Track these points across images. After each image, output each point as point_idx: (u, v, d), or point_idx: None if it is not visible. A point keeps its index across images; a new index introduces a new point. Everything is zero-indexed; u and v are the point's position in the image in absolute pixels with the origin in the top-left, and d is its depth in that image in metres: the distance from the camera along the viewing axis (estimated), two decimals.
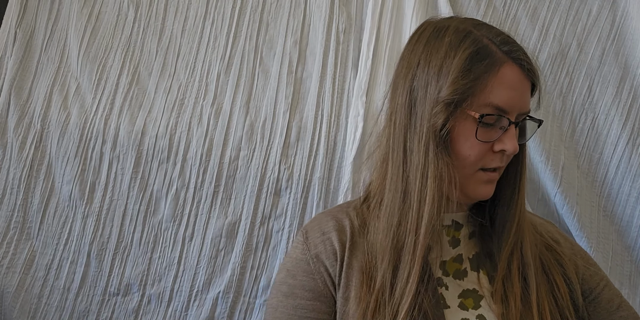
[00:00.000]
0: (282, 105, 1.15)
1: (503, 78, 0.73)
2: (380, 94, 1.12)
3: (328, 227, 0.81)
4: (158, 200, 1.14)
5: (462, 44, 0.74)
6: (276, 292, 0.80)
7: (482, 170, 0.76)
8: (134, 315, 1.13)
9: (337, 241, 0.79)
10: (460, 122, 0.74)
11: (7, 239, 1.14)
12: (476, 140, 0.74)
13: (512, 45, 0.75)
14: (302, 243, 0.81)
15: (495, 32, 0.77)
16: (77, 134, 1.15)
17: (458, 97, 0.72)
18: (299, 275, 0.79)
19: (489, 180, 0.77)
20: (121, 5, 1.20)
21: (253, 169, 1.13)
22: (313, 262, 0.78)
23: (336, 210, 0.85)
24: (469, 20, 0.79)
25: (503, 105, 0.73)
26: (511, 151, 0.74)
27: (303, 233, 0.82)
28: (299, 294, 0.78)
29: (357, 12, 1.17)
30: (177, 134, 1.14)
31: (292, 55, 1.17)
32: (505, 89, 0.73)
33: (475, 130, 0.73)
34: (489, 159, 0.75)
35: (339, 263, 0.78)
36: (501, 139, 0.75)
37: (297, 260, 0.80)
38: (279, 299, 0.79)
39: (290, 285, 0.78)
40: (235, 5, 1.19)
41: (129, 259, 1.14)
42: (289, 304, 0.77)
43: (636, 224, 1.09)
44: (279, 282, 0.80)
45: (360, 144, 1.10)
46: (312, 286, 0.78)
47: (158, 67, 1.18)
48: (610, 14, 1.13)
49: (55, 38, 1.19)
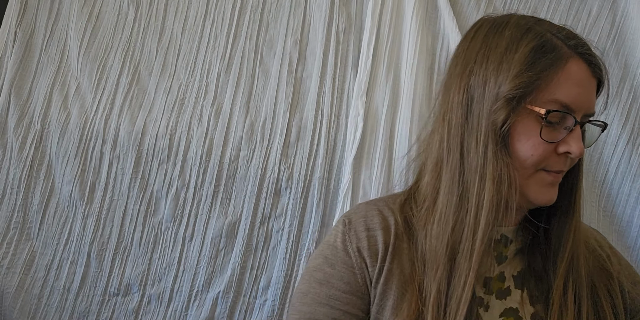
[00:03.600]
0: (282, 105, 1.15)
1: (570, 73, 0.69)
2: (380, 94, 1.12)
3: (374, 224, 0.75)
4: (158, 200, 1.14)
5: (524, 37, 0.70)
6: (309, 278, 0.75)
7: (544, 170, 0.71)
8: (134, 315, 1.13)
9: (382, 242, 0.74)
10: (522, 119, 0.69)
11: (7, 239, 1.13)
12: (539, 140, 0.68)
13: (578, 39, 0.71)
14: (345, 233, 0.75)
15: (558, 27, 0.72)
16: (77, 133, 1.15)
17: (521, 92, 0.67)
18: (338, 265, 0.74)
19: (552, 182, 0.71)
20: (121, 5, 1.20)
21: (253, 169, 1.13)
22: (355, 256, 0.73)
23: (381, 204, 0.79)
24: (529, 16, 0.75)
25: (569, 102, 0.68)
26: (577, 154, 0.69)
27: (345, 222, 0.76)
28: (335, 284, 0.73)
29: (357, 12, 1.17)
30: (177, 133, 1.14)
31: (292, 55, 1.17)
32: (572, 86, 0.68)
33: (540, 129, 0.68)
34: (552, 161, 0.70)
35: (379, 265, 0.73)
36: (566, 140, 0.69)
37: (336, 249, 0.75)
38: (312, 285, 0.74)
39: (327, 274, 0.74)
40: (235, 5, 1.19)
41: (129, 259, 1.14)
42: (322, 292, 0.73)
43: (636, 224, 1.09)
44: (314, 268, 0.75)
45: (360, 144, 1.11)
46: (350, 279, 0.73)
47: (158, 67, 1.18)
48: (610, 14, 1.13)
49: (55, 38, 1.19)
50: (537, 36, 0.70)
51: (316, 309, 0.72)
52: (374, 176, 1.10)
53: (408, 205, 0.78)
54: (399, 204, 0.78)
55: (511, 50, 0.69)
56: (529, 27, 0.71)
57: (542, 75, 0.68)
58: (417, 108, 1.10)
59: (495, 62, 0.70)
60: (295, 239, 1.11)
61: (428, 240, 0.72)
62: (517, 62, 0.68)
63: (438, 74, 1.13)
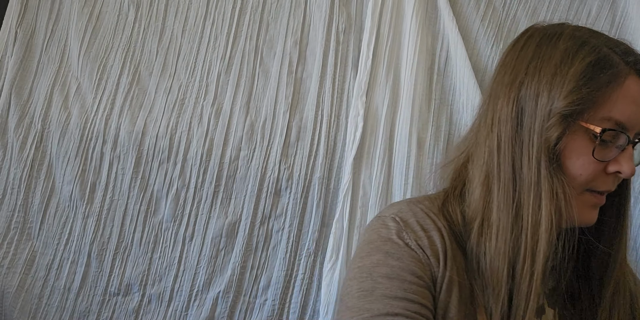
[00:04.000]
0: (282, 105, 1.15)
1: (628, 91, 0.66)
2: (380, 94, 1.12)
3: (427, 224, 0.71)
4: (158, 201, 1.14)
5: (580, 51, 0.67)
6: (370, 274, 0.67)
7: (589, 191, 0.69)
8: (135, 315, 1.13)
9: (440, 243, 0.69)
10: (575, 137, 0.66)
11: (7, 239, 1.14)
12: (591, 158, 0.66)
13: (637, 55, 0.69)
14: (400, 230, 0.70)
15: (615, 41, 0.70)
16: (77, 134, 1.15)
17: (576, 109, 0.65)
18: (406, 259, 0.68)
19: (596, 204, 0.69)
20: (122, 5, 1.20)
21: (253, 169, 1.13)
22: (420, 251, 0.68)
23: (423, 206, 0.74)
24: (584, 28, 0.73)
25: (625, 121, 0.66)
26: (628, 174, 0.67)
27: (397, 220, 0.71)
28: (407, 277, 0.66)
29: (357, 12, 1.17)
30: (177, 134, 1.14)
31: (292, 55, 1.17)
32: (628, 104, 0.66)
33: (593, 148, 0.66)
34: (600, 181, 0.68)
35: (441, 269, 0.68)
36: (617, 159, 0.67)
37: (397, 244, 0.69)
38: (378, 281, 0.66)
39: (396, 267, 0.67)
40: (235, 5, 1.19)
41: (129, 259, 1.14)
42: (394, 286, 0.66)
43: (636, 224, 1.08)
44: (375, 263, 0.68)
45: (360, 144, 1.11)
46: (421, 274, 0.67)
47: (158, 67, 1.18)
48: (610, 14, 1.13)
49: (55, 38, 1.20)
50: (593, 50, 0.67)
51: (390, 303, 0.65)
52: (374, 176, 1.10)
53: (448, 213, 0.74)
54: (438, 209, 0.74)
55: (566, 63, 0.67)
56: (584, 40, 0.69)
57: (598, 94, 0.66)
58: (417, 108, 1.10)
59: (548, 74, 0.67)
60: (295, 239, 1.11)
61: (488, 259, 0.68)
62: (572, 77, 0.66)
63: (438, 74, 1.13)
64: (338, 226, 1.09)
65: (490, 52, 1.13)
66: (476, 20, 1.13)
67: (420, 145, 1.10)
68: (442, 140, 1.11)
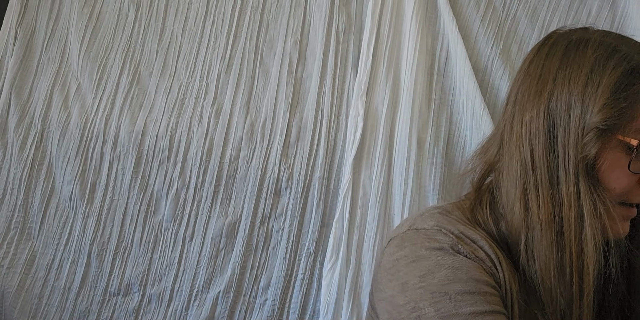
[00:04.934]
0: (282, 105, 1.15)
1: None
2: (380, 94, 1.12)
3: (472, 235, 0.68)
4: (158, 200, 1.14)
5: (610, 59, 0.65)
6: (444, 294, 0.62)
7: (621, 204, 0.67)
8: (135, 315, 1.13)
9: (493, 254, 0.66)
10: (609, 149, 0.64)
11: (7, 239, 1.14)
12: (626, 171, 0.64)
13: None
14: (455, 242, 0.66)
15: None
16: (77, 134, 1.15)
17: (613, 123, 0.63)
18: (474, 271, 0.64)
19: (628, 216, 0.68)
20: (122, 5, 1.20)
21: (253, 169, 1.13)
22: (483, 264, 0.65)
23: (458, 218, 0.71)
24: (611, 33, 0.70)
25: None
26: None
27: (444, 232, 0.67)
28: (484, 288, 0.63)
29: (357, 12, 1.17)
30: (177, 134, 1.14)
31: (292, 55, 1.17)
32: None
33: (630, 161, 0.64)
34: (634, 193, 0.66)
35: (502, 279, 0.66)
36: None
37: (458, 257, 0.65)
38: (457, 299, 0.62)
39: (468, 281, 0.63)
40: (235, 5, 1.19)
41: (129, 259, 1.14)
42: (478, 300, 0.62)
43: None
44: (444, 281, 0.63)
45: (360, 144, 1.11)
46: (493, 284, 0.64)
47: (158, 67, 1.18)
48: (610, 14, 1.13)
49: (55, 38, 1.20)
50: (625, 58, 0.65)
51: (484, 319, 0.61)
52: (374, 176, 1.10)
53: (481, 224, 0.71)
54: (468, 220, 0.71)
55: (597, 73, 0.64)
56: (614, 46, 0.66)
57: (634, 105, 0.63)
58: (417, 108, 1.10)
59: (579, 85, 0.64)
60: (295, 239, 1.11)
61: (540, 279, 0.66)
62: (605, 88, 0.63)
63: (438, 74, 1.13)
64: (338, 226, 1.09)
65: (490, 52, 1.13)
66: (476, 20, 1.13)
67: (420, 145, 1.10)
68: (442, 140, 1.11)
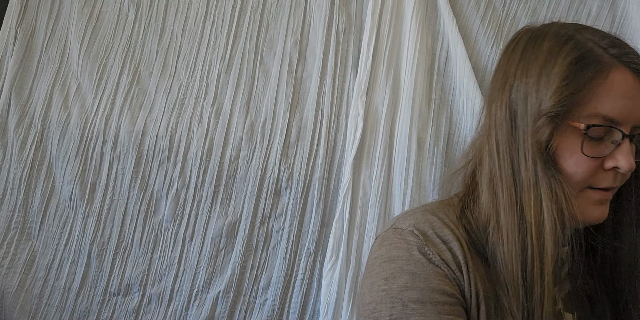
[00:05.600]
0: (282, 105, 1.15)
1: (612, 85, 0.65)
2: (380, 94, 1.12)
3: (446, 235, 0.70)
4: (158, 201, 1.14)
5: (562, 49, 0.67)
6: (399, 300, 0.65)
7: (591, 188, 0.68)
8: (134, 315, 1.13)
9: (461, 255, 0.68)
10: (566, 135, 0.66)
11: (7, 240, 1.14)
12: (582, 156, 0.66)
13: (622, 47, 0.68)
14: (422, 245, 0.68)
15: (601, 34, 0.69)
16: (77, 134, 1.15)
17: (563, 109, 0.65)
18: (433, 279, 0.66)
19: (600, 200, 0.68)
20: (122, 5, 1.20)
21: (253, 169, 1.13)
22: (446, 268, 0.67)
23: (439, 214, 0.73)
24: (571, 24, 0.72)
25: (614, 115, 0.65)
26: (626, 169, 0.65)
27: (416, 233, 0.70)
28: (439, 298, 0.65)
29: (357, 12, 1.17)
30: (177, 134, 1.14)
31: (292, 55, 1.17)
32: (615, 98, 0.65)
33: (581, 144, 0.65)
34: (599, 178, 0.67)
35: (466, 282, 0.67)
36: (613, 155, 0.66)
37: (420, 262, 0.67)
38: (410, 307, 0.64)
39: (425, 289, 0.65)
40: (235, 5, 1.19)
41: (129, 259, 1.14)
42: (428, 310, 0.64)
43: None
44: (403, 287, 0.66)
45: (360, 144, 1.11)
46: (452, 292, 0.66)
47: (158, 67, 1.18)
48: (610, 14, 1.13)
49: (55, 38, 1.20)
50: (576, 47, 0.67)
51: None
52: (374, 176, 1.10)
53: (465, 219, 0.73)
54: (456, 217, 0.73)
55: (550, 63, 0.67)
56: (568, 36, 0.68)
57: (583, 91, 0.65)
58: (417, 108, 1.10)
59: (534, 76, 0.68)
60: (295, 239, 1.11)
61: (503, 264, 0.68)
62: (556, 76, 0.66)
63: (438, 74, 1.13)
64: (338, 226, 1.09)
65: (490, 52, 1.13)
66: (476, 20, 1.13)
67: (420, 145, 1.10)
68: (442, 140, 1.11)
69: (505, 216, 0.68)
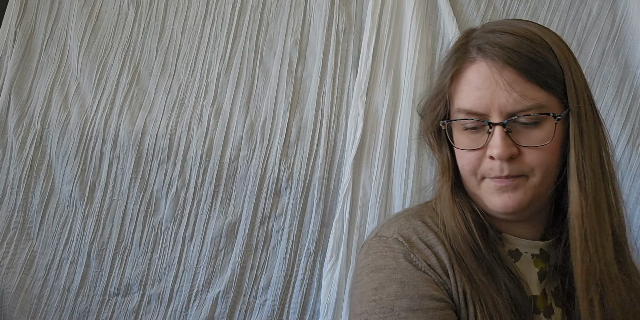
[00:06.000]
0: (282, 105, 1.15)
1: (467, 79, 0.69)
2: (380, 94, 1.12)
3: (430, 239, 0.71)
4: (158, 200, 1.14)
5: (448, 59, 0.73)
6: (390, 310, 0.65)
7: (489, 178, 0.69)
8: (134, 315, 1.13)
9: (446, 258, 0.69)
10: (454, 133, 0.72)
11: (7, 239, 1.13)
12: (459, 150, 0.70)
13: (483, 37, 0.70)
14: (408, 253, 0.69)
15: (488, 28, 0.72)
16: (77, 133, 1.15)
17: (438, 110, 0.72)
18: (422, 286, 0.67)
19: (500, 188, 0.68)
20: (121, 4, 1.20)
21: (253, 169, 1.13)
22: (433, 273, 0.68)
23: (424, 218, 0.75)
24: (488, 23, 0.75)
25: (471, 107, 0.68)
26: (495, 155, 0.66)
27: (400, 240, 0.71)
28: (429, 304, 0.65)
29: (357, 12, 1.17)
30: (177, 133, 1.14)
31: (292, 55, 1.16)
32: (472, 91, 0.68)
33: (454, 139, 0.71)
34: (486, 168, 0.68)
35: (453, 285, 0.68)
36: (488, 144, 0.67)
37: (408, 270, 0.68)
38: (401, 316, 0.65)
39: (415, 297, 0.66)
40: (235, 5, 1.19)
41: (129, 259, 1.14)
42: (420, 317, 0.64)
43: (636, 224, 1.09)
44: (393, 297, 0.66)
45: (360, 144, 1.11)
46: (441, 296, 0.67)
47: (158, 67, 1.18)
48: (610, 14, 1.13)
49: (55, 37, 1.19)
50: (453, 52, 0.72)
51: None
52: (374, 176, 1.10)
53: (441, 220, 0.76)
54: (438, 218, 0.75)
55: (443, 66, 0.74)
56: (457, 43, 0.73)
57: (450, 91, 0.71)
58: None
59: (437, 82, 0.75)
60: (295, 239, 1.11)
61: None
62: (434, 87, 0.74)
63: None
64: (338, 226, 1.08)
65: None
66: (476, 20, 1.13)
67: (420, 145, 1.10)
68: None
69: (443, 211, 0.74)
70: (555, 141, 0.67)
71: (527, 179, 0.68)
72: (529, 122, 0.67)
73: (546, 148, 0.67)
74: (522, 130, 0.67)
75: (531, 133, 0.67)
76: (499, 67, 0.66)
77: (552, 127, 0.67)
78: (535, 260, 0.73)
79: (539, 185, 0.68)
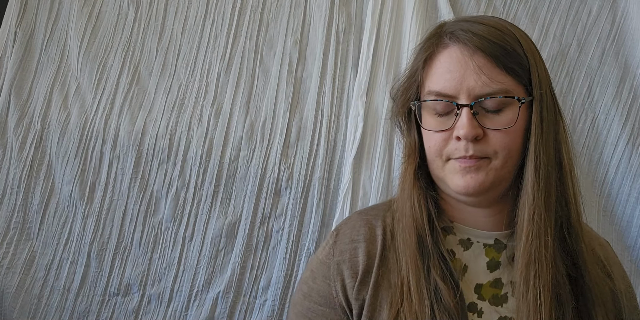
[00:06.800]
0: (282, 105, 1.15)
1: (438, 63, 0.72)
2: (380, 94, 1.12)
3: (359, 235, 0.77)
4: (158, 200, 1.14)
5: (425, 42, 0.75)
6: (298, 290, 0.79)
7: (453, 159, 0.71)
8: (134, 315, 1.13)
9: (364, 254, 0.75)
10: (423, 116, 0.74)
11: (7, 239, 1.13)
12: (427, 131, 0.73)
13: (455, 25, 0.73)
14: (330, 246, 0.78)
15: (459, 19, 0.76)
16: (77, 133, 1.15)
17: (409, 94, 0.75)
18: (319, 279, 0.76)
19: (464, 168, 0.70)
20: (121, 5, 1.20)
21: (253, 169, 1.13)
22: (334, 269, 0.75)
23: (374, 213, 0.80)
24: (460, 17, 0.79)
25: (440, 89, 0.70)
26: (461, 135, 0.68)
27: (334, 235, 0.79)
28: (314, 297, 0.76)
29: (357, 12, 1.17)
30: (177, 134, 1.14)
31: (292, 55, 1.17)
32: (442, 73, 0.71)
33: (420, 120, 0.74)
34: (452, 148, 0.71)
35: (360, 278, 0.73)
36: (455, 125, 0.70)
37: (320, 262, 0.77)
38: (299, 297, 0.78)
39: (310, 287, 0.77)
40: (235, 5, 1.19)
41: (129, 259, 1.14)
42: (305, 305, 0.76)
43: (636, 224, 1.09)
44: (303, 280, 0.79)
45: (360, 144, 1.11)
46: (326, 293, 0.75)
47: (158, 67, 1.18)
48: (610, 14, 1.13)
49: (55, 38, 1.19)
50: (427, 40, 0.75)
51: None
52: (374, 176, 1.10)
53: (390, 214, 0.79)
54: (391, 211, 0.79)
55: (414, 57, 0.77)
56: (430, 33, 0.76)
57: (421, 74, 0.74)
58: None
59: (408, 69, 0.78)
60: (295, 239, 1.11)
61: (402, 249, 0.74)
62: (407, 71, 0.77)
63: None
64: None
65: None
66: None
67: None
68: None
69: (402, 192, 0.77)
70: (518, 126, 0.70)
71: (490, 161, 0.70)
72: (494, 109, 0.70)
73: (510, 131, 0.70)
74: (488, 115, 0.70)
75: (496, 118, 0.70)
76: (471, 51, 0.70)
77: (516, 112, 0.70)
78: (487, 250, 0.75)
79: (501, 168, 0.70)
